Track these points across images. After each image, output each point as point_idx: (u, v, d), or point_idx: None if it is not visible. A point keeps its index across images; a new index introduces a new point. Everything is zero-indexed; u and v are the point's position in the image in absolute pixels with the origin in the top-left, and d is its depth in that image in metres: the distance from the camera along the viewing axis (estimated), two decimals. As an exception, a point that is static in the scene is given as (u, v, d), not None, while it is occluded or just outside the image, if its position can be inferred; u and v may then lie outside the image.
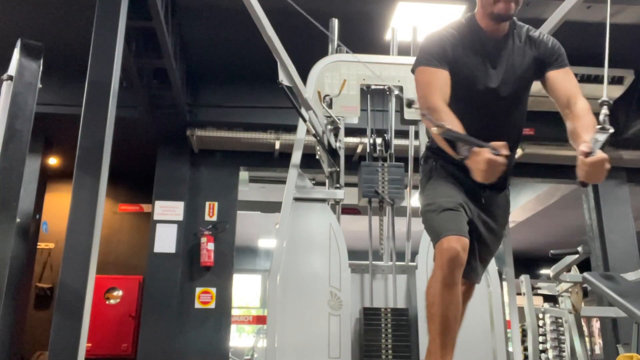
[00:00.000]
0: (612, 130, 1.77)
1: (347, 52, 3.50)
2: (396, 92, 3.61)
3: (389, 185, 3.30)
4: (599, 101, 1.88)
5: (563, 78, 2.16)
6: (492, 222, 2.25)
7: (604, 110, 1.83)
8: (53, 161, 7.13)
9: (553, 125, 6.40)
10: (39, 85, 2.50)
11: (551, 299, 7.39)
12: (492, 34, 2.16)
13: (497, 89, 2.16)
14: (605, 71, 2.15)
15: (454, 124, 1.90)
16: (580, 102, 2.06)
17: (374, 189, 3.28)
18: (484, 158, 1.74)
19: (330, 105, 3.43)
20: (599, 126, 1.78)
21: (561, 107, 2.12)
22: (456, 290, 1.94)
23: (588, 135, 1.83)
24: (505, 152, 1.75)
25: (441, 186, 2.16)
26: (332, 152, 3.41)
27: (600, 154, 1.72)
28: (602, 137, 1.75)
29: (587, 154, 1.72)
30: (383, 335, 3.02)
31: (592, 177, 1.74)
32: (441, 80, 2.09)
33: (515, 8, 2.10)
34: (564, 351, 7.47)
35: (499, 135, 2.19)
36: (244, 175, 6.98)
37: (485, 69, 2.16)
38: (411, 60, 2.40)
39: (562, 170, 6.99)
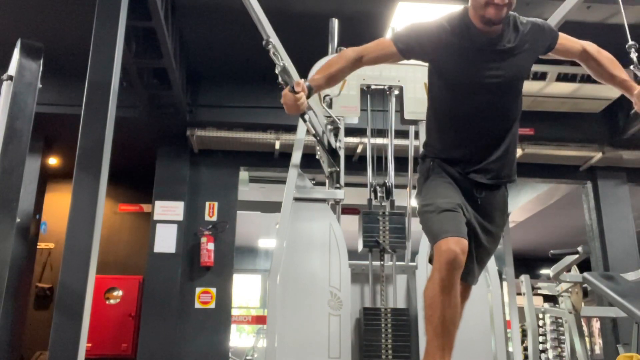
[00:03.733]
0: None
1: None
2: (396, 92, 3.61)
3: (390, 234, 3.22)
4: (627, 45, 2.43)
5: (566, 42, 2.34)
6: (489, 224, 2.24)
7: (634, 52, 2.37)
8: (53, 161, 7.13)
9: (553, 125, 6.43)
10: (39, 85, 2.50)
11: (551, 299, 7.40)
12: (485, 31, 2.15)
13: (490, 81, 2.15)
14: (624, 17, 2.39)
15: (327, 66, 2.21)
16: (587, 45, 2.35)
17: (375, 239, 3.20)
18: (283, 93, 2.13)
19: (330, 105, 3.43)
20: (633, 66, 2.27)
21: (578, 58, 2.38)
22: (454, 292, 1.94)
23: (624, 73, 2.29)
24: (298, 88, 2.11)
25: (439, 186, 2.15)
26: (332, 152, 3.41)
27: None
28: None
29: None
30: (383, 335, 3.02)
31: None
32: (379, 45, 2.26)
33: (507, 12, 2.10)
34: (564, 351, 7.48)
35: (493, 122, 2.20)
36: (244, 175, 6.98)
37: (478, 61, 2.15)
38: (411, 60, 2.40)
39: (562, 170, 7.00)
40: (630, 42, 2.30)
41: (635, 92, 2.21)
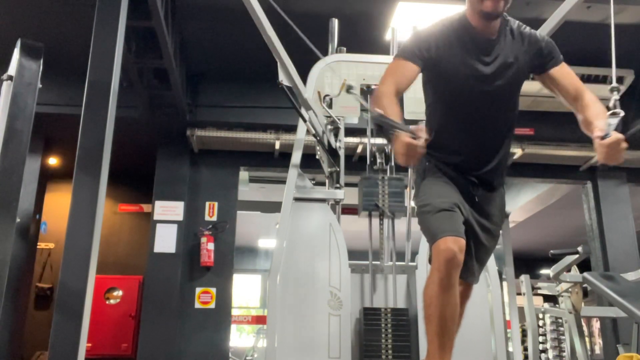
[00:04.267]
0: (622, 113, 1.91)
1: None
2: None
3: (389, 198, 3.27)
4: (609, 87, 2.09)
5: (564, 73, 2.21)
6: (487, 222, 2.24)
7: (614, 96, 1.99)
8: (53, 161, 7.13)
9: (553, 125, 6.42)
10: (39, 85, 2.50)
11: (551, 299, 7.40)
12: (483, 31, 2.15)
13: (488, 86, 2.15)
14: (613, 58, 2.22)
15: (391, 110, 1.96)
16: (587, 93, 2.14)
17: (374, 202, 3.26)
18: (402, 141, 1.81)
19: (330, 105, 3.43)
20: (609, 112, 1.92)
21: (569, 100, 2.19)
22: (453, 291, 1.94)
23: (600, 121, 1.94)
24: (423, 135, 1.81)
25: (435, 186, 2.16)
26: (332, 152, 3.41)
27: (615, 135, 1.84)
28: (615, 121, 1.88)
29: (603, 137, 1.83)
30: (383, 335, 3.02)
31: (610, 158, 1.86)
32: (402, 70, 2.13)
33: (504, 6, 2.09)
34: (564, 351, 7.48)
35: (489, 131, 2.21)
36: (244, 175, 6.98)
37: (477, 65, 2.15)
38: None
39: (562, 170, 7.00)
40: (614, 85, 2.09)
41: (594, 136, 1.90)
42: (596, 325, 9.42)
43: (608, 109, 1.93)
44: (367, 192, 3.27)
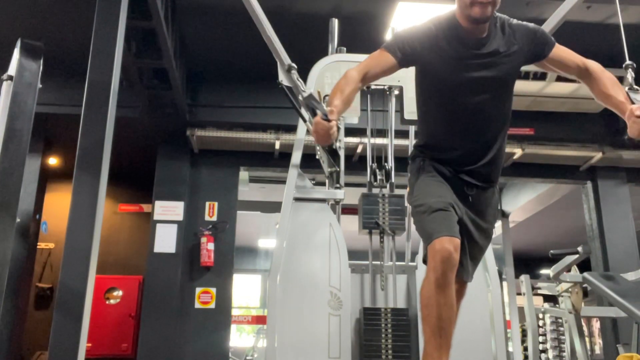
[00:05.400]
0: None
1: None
2: (396, 92, 3.61)
3: (389, 216, 3.25)
4: (624, 65, 2.22)
5: (563, 53, 2.27)
6: (481, 220, 2.26)
7: (630, 73, 2.14)
8: (53, 161, 7.12)
9: (553, 125, 6.42)
10: (39, 85, 2.50)
11: (551, 299, 7.41)
12: (473, 32, 2.18)
13: (481, 82, 2.17)
14: (622, 36, 2.28)
15: (340, 93, 2.10)
16: (590, 63, 2.24)
17: (375, 220, 3.23)
18: (315, 121, 2.00)
19: (330, 105, 3.42)
20: (627, 87, 2.02)
21: (576, 75, 2.29)
22: (450, 291, 1.96)
23: (622, 94, 2.10)
24: (332, 117, 1.98)
25: (430, 185, 2.17)
26: (332, 152, 3.41)
27: None
28: (638, 97, 2.02)
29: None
30: (383, 335, 3.02)
31: None
32: (379, 59, 2.22)
33: (493, 10, 2.12)
34: (564, 351, 7.48)
35: (484, 125, 2.22)
36: (244, 175, 6.98)
37: (468, 63, 2.16)
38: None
39: (562, 170, 7.00)
40: (628, 62, 2.17)
41: (627, 113, 2.07)
42: (596, 325, 9.42)
43: (627, 84, 2.04)
44: (367, 210, 3.25)
